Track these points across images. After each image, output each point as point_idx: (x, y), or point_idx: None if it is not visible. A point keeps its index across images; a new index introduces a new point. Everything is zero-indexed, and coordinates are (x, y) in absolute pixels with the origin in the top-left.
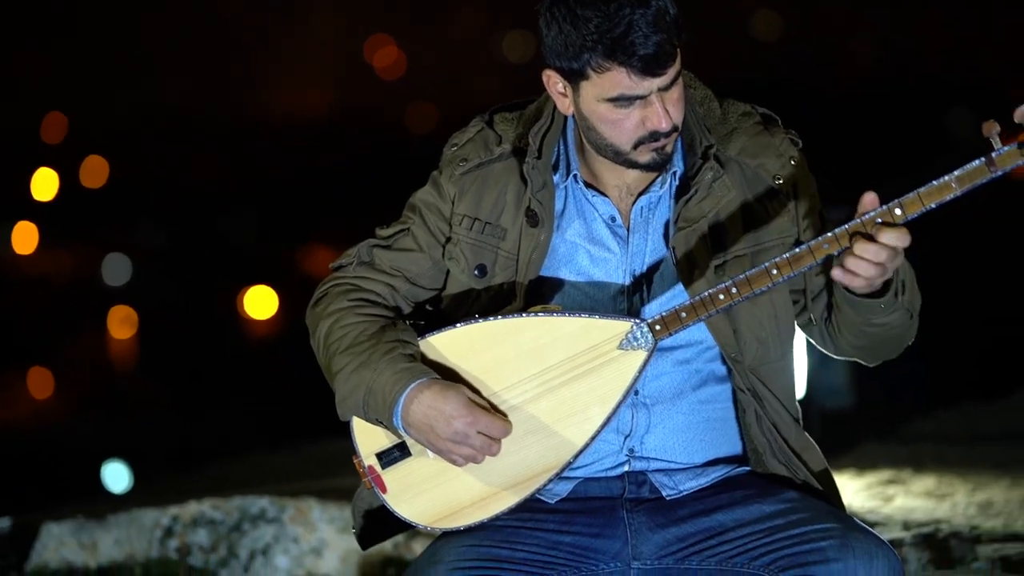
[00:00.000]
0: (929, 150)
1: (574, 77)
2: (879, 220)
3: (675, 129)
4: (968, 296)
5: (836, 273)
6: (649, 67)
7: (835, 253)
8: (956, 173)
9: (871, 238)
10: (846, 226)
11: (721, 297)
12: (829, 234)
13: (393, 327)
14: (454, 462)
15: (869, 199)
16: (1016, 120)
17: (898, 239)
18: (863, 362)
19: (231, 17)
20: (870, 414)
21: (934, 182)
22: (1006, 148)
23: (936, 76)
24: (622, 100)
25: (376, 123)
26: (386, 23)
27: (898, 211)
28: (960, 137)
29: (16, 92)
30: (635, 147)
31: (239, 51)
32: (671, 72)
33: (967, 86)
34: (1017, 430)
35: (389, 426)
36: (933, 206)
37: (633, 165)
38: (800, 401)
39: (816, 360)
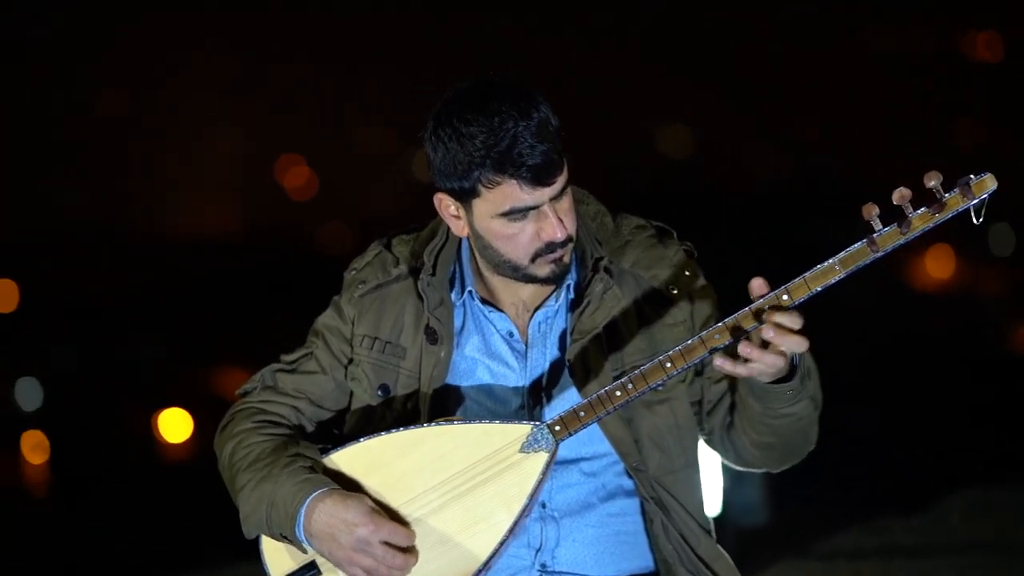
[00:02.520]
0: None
1: (465, 196)
2: (767, 307)
3: (570, 239)
4: (880, 407)
5: (730, 367)
6: (539, 177)
7: (726, 343)
8: (840, 256)
9: (760, 324)
10: (735, 315)
11: (618, 394)
12: (719, 324)
13: (295, 443)
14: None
15: (757, 284)
16: (894, 202)
17: (790, 320)
18: (768, 468)
19: (138, 133)
20: (786, 531)
21: (819, 266)
22: (886, 229)
23: (819, 185)
24: (515, 213)
25: (288, 242)
26: (296, 143)
27: (785, 297)
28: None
29: None
30: (533, 260)
31: (147, 167)
32: (560, 181)
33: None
34: (934, 543)
35: (292, 539)
36: (819, 289)
37: (532, 279)
38: (716, 519)
39: (731, 478)
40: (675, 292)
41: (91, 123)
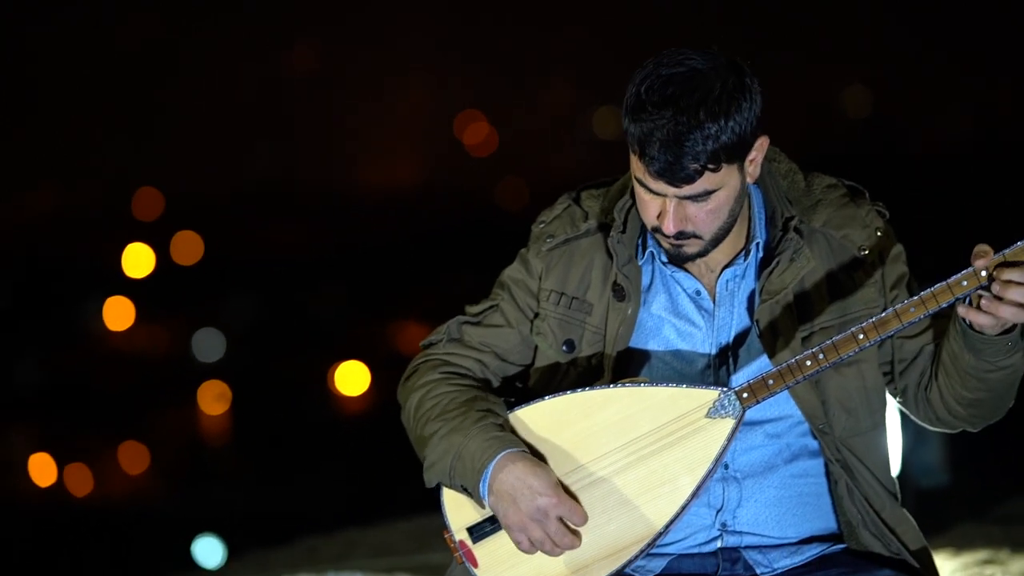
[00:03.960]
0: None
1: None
2: (964, 283)
3: (695, 237)
4: None
5: (967, 312)
6: (660, 173)
7: (921, 317)
8: None
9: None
10: (932, 289)
11: (808, 363)
12: (916, 298)
13: (484, 397)
14: (518, 543)
15: (981, 254)
16: None
17: (1019, 275)
18: (967, 426)
19: (323, 91)
20: (966, 494)
21: (1019, 243)
22: None
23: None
24: (640, 184)
25: (467, 199)
26: (477, 99)
27: (983, 273)
28: None
29: (109, 168)
30: (653, 231)
31: (331, 125)
32: (691, 189)
33: None
34: None
35: (474, 493)
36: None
37: (658, 243)
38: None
39: (911, 439)
40: (866, 253)
41: (279, 79)
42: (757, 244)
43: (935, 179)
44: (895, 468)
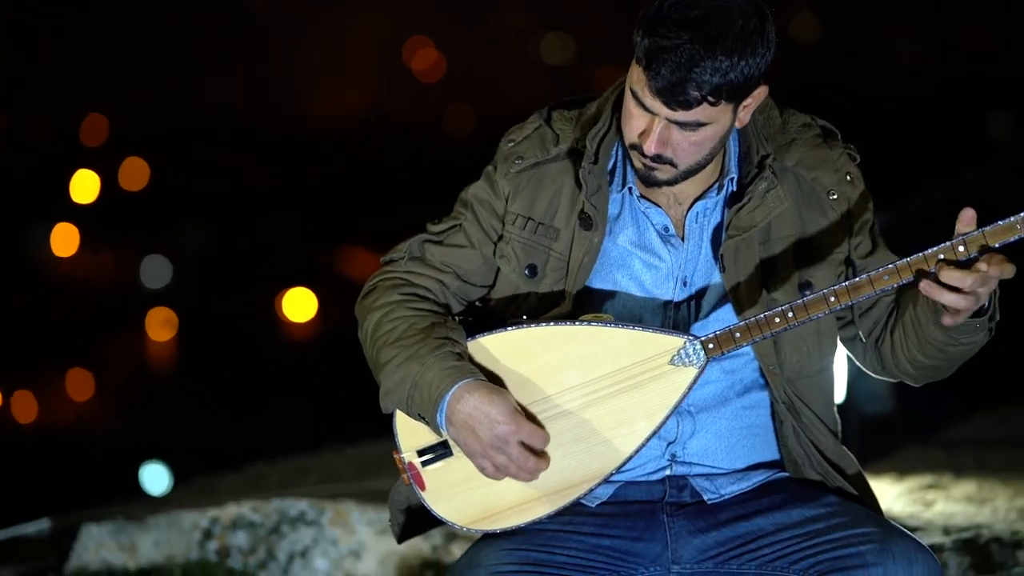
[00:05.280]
0: (970, 152)
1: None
2: (941, 255)
3: (669, 162)
4: (1006, 298)
5: (930, 289)
6: (661, 92)
7: (895, 286)
8: (1021, 215)
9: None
10: (908, 259)
11: (777, 320)
12: (891, 265)
13: (443, 324)
14: (483, 469)
15: (966, 220)
16: None
17: (1003, 270)
18: (911, 382)
19: (269, 18)
20: (909, 419)
21: (999, 223)
22: None
23: (977, 76)
24: (633, 96)
25: (414, 125)
26: (425, 25)
27: (961, 248)
28: (1000, 139)
29: (56, 94)
30: (631, 147)
31: (278, 53)
32: (686, 116)
33: (1008, 87)
34: None
35: (431, 423)
36: (997, 246)
37: (631, 160)
38: (839, 406)
39: (855, 366)
40: (835, 197)
41: (226, 7)
42: (731, 179)
43: (884, 111)
44: (840, 396)
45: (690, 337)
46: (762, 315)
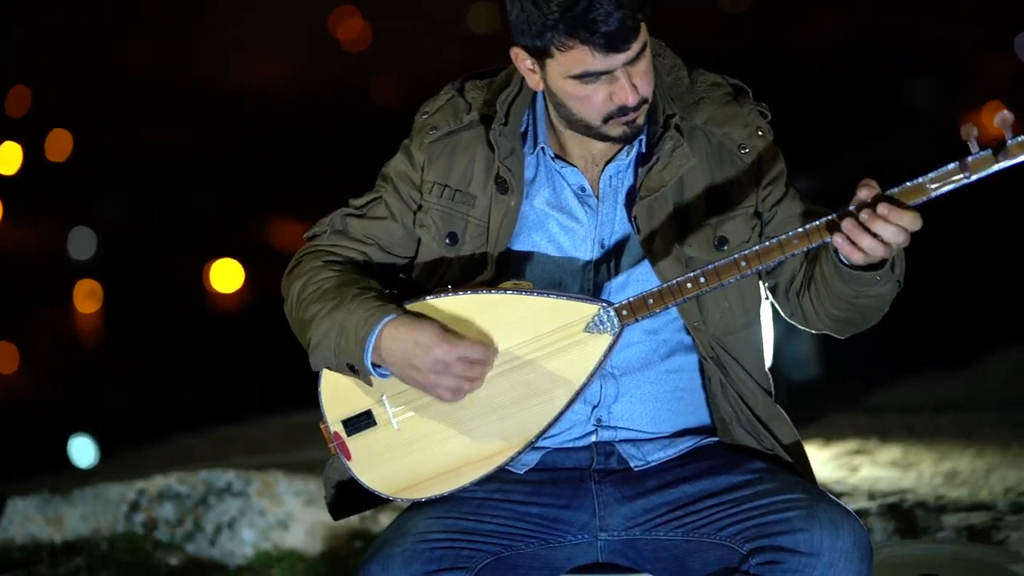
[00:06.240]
0: (889, 121)
1: (539, 55)
2: (870, 200)
3: (644, 101)
4: (931, 265)
5: (839, 242)
6: (612, 43)
7: (804, 250)
8: (930, 175)
9: (886, 217)
10: (818, 222)
11: (689, 286)
12: (800, 230)
13: (366, 279)
14: (441, 397)
15: (864, 192)
16: (996, 124)
17: (912, 222)
18: (835, 334)
19: None
20: (836, 385)
21: (908, 184)
22: (981, 153)
23: (899, 46)
24: (587, 76)
25: (341, 95)
26: None
27: (865, 215)
28: (920, 108)
29: None
30: (605, 121)
31: (203, 22)
32: (635, 47)
33: (928, 57)
34: (982, 399)
35: (360, 368)
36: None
37: (605, 138)
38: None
39: (782, 332)
40: (745, 152)
41: None
42: (640, 140)
43: (814, 78)
44: (767, 362)
45: (604, 304)
46: (674, 281)
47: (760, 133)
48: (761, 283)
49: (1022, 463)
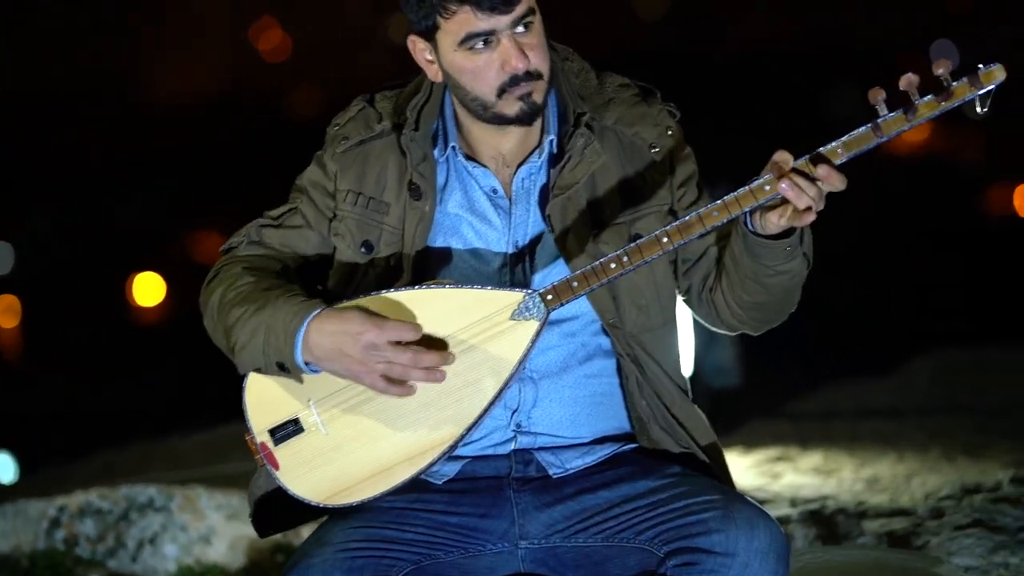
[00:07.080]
0: (814, 124)
1: (430, 32)
2: (766, 187)
3: (538, 75)
4: (853, 271)
5: (784, 187)
6: (492, 2)
7: (724, 221)
8: (843, 139)
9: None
10: (735, 194)
11: (612, 266)
12: (719, 202)
13: (286, 282)
14: (374, 385)
15: (780, 157)
16: (901, 87)
17: (840, 180)
18: (749, 330)
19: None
20: (757, 392)
21: (821, 149)
22: (891, 114)
23: (822, 50)
24: (472, 39)
25: (261, 106)
26: (271, 5)
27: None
28: (843, 111)
29: None
30: (499, 95)
31: (123, 32)
32: (519, 9)
33: (852, 60)
34: (902, 405)
35: (291, 366)
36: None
37: (503, 119)
38: (687, 379)
39: (703, 339)
40: (656, 151)
41: None
42: (551, 141)
43: (731, 83)
44: (688, 369)
45: (529, 291)
46: (598, 262)
47: (670, 132)
48: (676, 288)
49: (942, 468)
